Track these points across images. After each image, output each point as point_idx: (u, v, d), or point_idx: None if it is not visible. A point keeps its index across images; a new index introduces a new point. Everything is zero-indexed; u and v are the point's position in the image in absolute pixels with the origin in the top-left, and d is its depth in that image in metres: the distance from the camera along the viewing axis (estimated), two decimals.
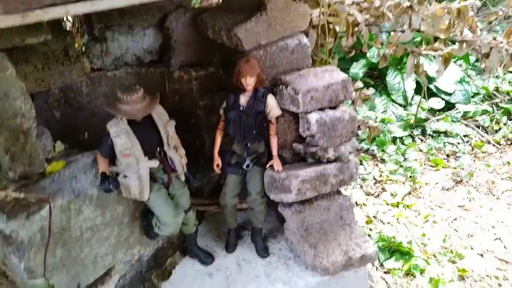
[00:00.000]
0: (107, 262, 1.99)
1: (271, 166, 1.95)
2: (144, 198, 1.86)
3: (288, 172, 1.89)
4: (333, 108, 1.89)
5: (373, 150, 4.08)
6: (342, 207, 1.99)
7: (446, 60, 2.75)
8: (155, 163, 1.84)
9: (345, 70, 4.03)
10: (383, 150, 4.07)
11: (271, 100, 1.89)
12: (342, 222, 2.00)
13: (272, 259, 2.08)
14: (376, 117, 4.19)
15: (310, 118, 1.82)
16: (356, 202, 3.61)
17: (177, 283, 2.01)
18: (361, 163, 4.05)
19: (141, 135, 1.79)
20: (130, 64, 2.31)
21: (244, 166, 1.98)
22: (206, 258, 2.13)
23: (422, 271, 3.03)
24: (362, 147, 4.15)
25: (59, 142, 1.98)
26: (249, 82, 1.84)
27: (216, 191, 2.28)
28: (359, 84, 2.60)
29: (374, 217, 3.53)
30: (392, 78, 4.25)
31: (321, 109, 1.86)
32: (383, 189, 3.90)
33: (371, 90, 2.64)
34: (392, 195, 3.80)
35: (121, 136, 1.76)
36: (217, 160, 2.00)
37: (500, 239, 3.35)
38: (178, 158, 1.90)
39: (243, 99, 1.88)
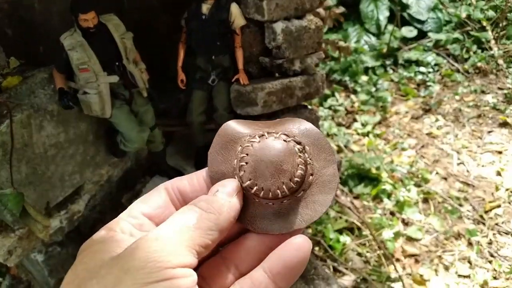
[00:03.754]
0: (75, 181, 1.98)
1: (237, 80, 1.91)
2: (106, 114, 1.81)
3: (254, 86, 1.86)
4: (299, 17, 1.84)
5: (345, 81, 4.09)
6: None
7: None
8: (114, 78, 1.76)
9: None
10: (355, 81, 4.08)
11: (234, 8, 1.80)
12: None
13: None
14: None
15: (275, 27, 1.77)
16: (327, 133, 3.67)
17: None
18: (333, 95, 4.08)
19: (97, 48, 1.69)
20: None
21: (210, 81, 1.92)
22: (176, 175, 2.13)
23: (389, 195, 3.17)
24: (335, 78, 4.15)
25: (14, 58, 1.88)
26: None
27: (183, 112, 2.26)
28: (329, 2, 2.53)
29: (345, 146, 3.61)
30: (366, 6, 4.16)
31: (287, 19, 1.81)
32: (354, 120, 3.95)
33: (341, 9, 2.58)
34: (362, 125, 3.87)
35: (76, 49, 1.67)
36: (181, 75, 1.93)
37: (463, 163, 3.50)
38: (139, 72, 1.83)
39: (205, 8, 1.79)
